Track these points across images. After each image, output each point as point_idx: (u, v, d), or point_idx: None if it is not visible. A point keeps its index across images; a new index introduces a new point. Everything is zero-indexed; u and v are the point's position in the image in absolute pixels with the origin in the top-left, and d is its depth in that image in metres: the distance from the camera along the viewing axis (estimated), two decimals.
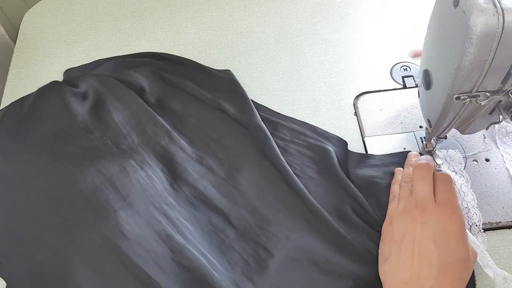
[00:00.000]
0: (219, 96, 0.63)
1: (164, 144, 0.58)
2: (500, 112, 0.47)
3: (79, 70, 0.70)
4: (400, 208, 0.50)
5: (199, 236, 0.51)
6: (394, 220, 0.49)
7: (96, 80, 0.63)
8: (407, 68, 0.68)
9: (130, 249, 0.47)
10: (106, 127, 0.59)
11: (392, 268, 0.46)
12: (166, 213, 0.51)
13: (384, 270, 0.47)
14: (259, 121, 0.60)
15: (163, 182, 0.55)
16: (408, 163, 0.56)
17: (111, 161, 0.54)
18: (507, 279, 0.47)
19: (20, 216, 0.52)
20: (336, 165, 0.56)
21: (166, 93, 0.64)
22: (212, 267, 0.48)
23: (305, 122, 0.63)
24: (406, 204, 0.49)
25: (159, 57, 0.70)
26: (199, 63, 0.69)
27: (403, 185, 0.52)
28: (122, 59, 0.70)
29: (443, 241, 0.45)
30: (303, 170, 0.57)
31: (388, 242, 0.48)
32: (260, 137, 0.58)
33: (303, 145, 0.60)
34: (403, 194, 0.51)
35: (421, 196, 0.48)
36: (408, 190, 0.50)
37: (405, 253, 0.45)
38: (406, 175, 0.53)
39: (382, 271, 0.47)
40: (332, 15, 0.76)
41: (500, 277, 0.47)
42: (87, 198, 0.51)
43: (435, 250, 0.44)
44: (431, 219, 0.46)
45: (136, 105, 0.61)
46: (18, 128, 0.60)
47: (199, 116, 0.62)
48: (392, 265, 0.46)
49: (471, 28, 0.37)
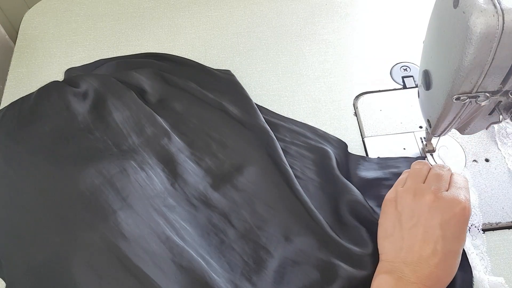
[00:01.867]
0: (222, 97, 0.63)
1: (164, 144, 0.58)
2: (500, 112, 0.46)
3: (80, 70, 0.70)
4: (408, 186, 0.49)
5: (199, 238, 0.51)
6: (401, 196, 0.48)
7: (97, 80, 0.63)
8: (407, 68, 0.68)
9: (129, 250, 0.47)
10: (106, 127, 0.59)
11: (395, 247, 0.46)
12: (165, 215, 0.51)
13: (385, 245, 0.47)
14: (262, 122, 0.60)
15: (164, 182, 0.55)
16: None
17: (111, 162, 0.54)
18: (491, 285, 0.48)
19: (20, 216, 0.52)
20: (335, 167, 0.56)
21: (167, 93, 0.64)
22: (211, 269, 0.48)
23: (305, 123, 0.63)
24: (417, 187, 0.48)
25: (160, 58, 0.70)
26: (200, 63, 0.69)
27: (414, 174, 0.50)
28: (123, 60, 0.70)
29: (450, 230, 0.45)
30: (303, 171, 0.58)
31: (392, 219, 0.48)
32: (264, 138, 0.59)
33: (303, 147, 0.60)
34: (414, 178, 0.49)
35: (436, 185, 0.47)
36: (420, 178, 0.49)
37: (409, 236, 0.45)
38: (419, 170, 0.51)
39: (382, 245, 0.48)
40: (332, 15, 0.76)
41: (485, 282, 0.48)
42: (87, 199, 0.50)
43: (441, 239, 0.44)
44: (442, 206, 0.46)
45: (136, 105, 0.61)
46: (18, 128, 0.60)
47: (200, 116, 0.62)
48: (395, 245, 0.46)
49: (471, 28, 0.37)
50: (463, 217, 0.45)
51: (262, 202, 0.54)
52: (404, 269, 0.44)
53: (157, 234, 0.49)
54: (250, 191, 0.55)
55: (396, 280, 0.44)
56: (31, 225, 0.51)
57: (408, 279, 0.43)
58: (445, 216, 0.45)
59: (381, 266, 0.46)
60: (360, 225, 0.52)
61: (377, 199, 0.54)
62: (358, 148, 0.61)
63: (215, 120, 0.61)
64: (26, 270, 0.49)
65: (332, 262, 0.49)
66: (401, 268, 0.44)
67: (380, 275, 0.46)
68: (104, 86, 0.62)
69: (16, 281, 0.49)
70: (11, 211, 0.53)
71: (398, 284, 0.43)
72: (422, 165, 0.50)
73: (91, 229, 0.48)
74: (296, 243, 0.51)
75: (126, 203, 0.50)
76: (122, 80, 0.63)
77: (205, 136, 0.60)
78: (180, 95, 0.64)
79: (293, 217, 0.53)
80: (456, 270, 0.46)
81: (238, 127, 0.60)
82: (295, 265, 0.50)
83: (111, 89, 0.62)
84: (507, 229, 0.54)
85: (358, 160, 0.59)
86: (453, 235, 0.45)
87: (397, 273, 0.44)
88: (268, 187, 0.55)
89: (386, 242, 0.47)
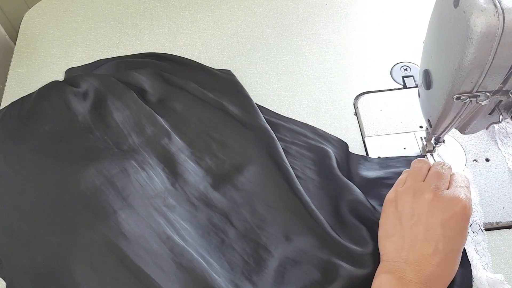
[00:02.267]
0: (222, 97, 0.63)
1: (164, 144, 0.58)
2: (500, 112, 0.47)
3: (80, 70, 0.70)
4: (407, 186, 0.48)
5: (199, 237, 0.51)
6: (401, 196, 0.48)
7: (97, 80, 0.63)
8: (407, 68, 0.68)
9: (130, 249, 0.47)
10: (106, 127, 0.59)
11: (396, 247, 0.46)
12: (165, 215, 0.51)
13: (386, 246, 0.47)
14: (263, 122, 0.60)
15: (164, 182, 0.55)
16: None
17: (112, 162, 0.54)
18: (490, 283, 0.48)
19: (20, 216, 0.52)
20: (335, 167, 0.56)
21: (168, 93, 0.64)
22: (211, 268, 0.48)
23: (306, 123, 0.63)
24: (417, 186, 0.48)
25: (160, 58, 0.70)
26: (201, 63, 0.69)
27: (414, 173, 0.50)
28: (124, 60, 0.70)
29: (451, 229, 0.45)
30: (303, 171, 0.58)
31: (392, 219, 0.48)
32: (264, 138, 0.59)
33: (303, 146, 0.60)
34: (413, 177, 0.49)
35: (436, 184, 0.47)
36: (419, 177, 0.49)
37: (410, 235, 0.45)
38: (419, 169, 0.51)
39: (384, 246, 0.47)
40: (332, 15, 0.76)
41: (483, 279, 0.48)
42: (88, 198, 0.50)
43: (442, 238, 0.44)
44: (442, 205, 0.45)
45: (136, 105, 0.61)
46: (19, 127, 0.60)
47: (201, 116, 0.62)
48: (397, 245, 0.46)
49: (471, 28, 0.37)
50: (464, 216, 0.45)
51: (262, 202, 0.54)
52: (406, 268, 0.44)
53: (157, 233, 0.49)
54: (250, 191, 0.55)
55: (397, 279, 0.44)
56: (32, 225, 0.51)
57: (409, 279, 0.43)
58: (445, 215, 0.45)
59: (382, 266, 0.46)
60: (360, 225, 0.52)
61: (378, 199, 0.54)
62: (359, 147, 0.61)
63: (215, 120, 0.61)
64: (26, 269, 0.49)
65: (333, 261, 0.49)
66: (402, 268, 0.44)
67: (381, 274, 0.46)
68: (105, 86, 0.62)
69: (16, 280, 0.49)
70: (11, 211, 0.53)
71: (399, 284, 0.43)
72: (422, 164, 0.50)
73: (92, 229, 0.48)
74: (296, 243, 0.51)
75: (126, 202, 0.50)
76: (122, 80, 0.63)
77: (205, 136, 0.60)
78: (180, 95, 0.64)
79: (294, 216, 0.53)
80: (456, 269, 0.46)
81: (238, 127, 0.60)
82: (296, 264, 0.50)
83: (111, 89, 0.62)
84: (508, 229, 0.54)
85: (359, 160, 0.59)
86: (454, 234, 0.45)
87: (398, 273, 0.44)
88: (268, 186, 0.55)
89: (387, 242, 0.47)
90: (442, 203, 0.45)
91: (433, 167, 0.49)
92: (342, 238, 0.51)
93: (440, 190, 0.46)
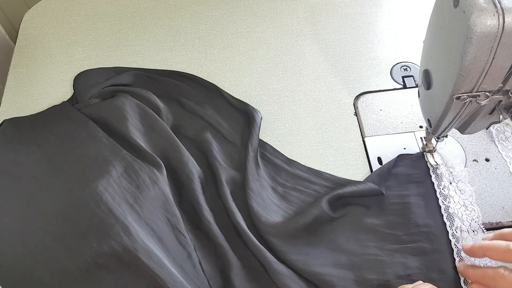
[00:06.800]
0: (236, 128, 0.63)
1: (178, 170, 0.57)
2: (500, 112, 0.47)
3: (97, 73, 0.68)
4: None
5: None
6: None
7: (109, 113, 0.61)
8: (407, 68, 0.68)
9: (141, 257, 0.47)
10: (116, 136, 0.59)
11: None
12: (172, 224, 0.53)
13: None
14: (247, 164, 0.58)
15: (171, 200, 0.55)
16: None
17: (120, 170, 0.54)
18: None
19: (26, 227, 0.52)
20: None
21: (182, 119, 0.64)
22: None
23: (310, 168, 0.60)
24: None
25: (181, 77, 0.68)
26: (219, 87, 0.67)
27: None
28: (143, 72, 0.68)
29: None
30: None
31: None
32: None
33: (306, 193, 0.58)
34: None
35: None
36: None
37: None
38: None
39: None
40: (332, 15, 0.76)
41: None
42: (95, 206, 0.50)
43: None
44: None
45: (156, 124, 0.61)
46: (24, 134, 0.60)
47: (211, 144, 0.61)
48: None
49: (471, 28, 0.37)
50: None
51: None
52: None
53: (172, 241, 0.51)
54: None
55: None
56: (37, 238, 0.51)
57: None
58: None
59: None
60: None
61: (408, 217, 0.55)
62: (359, 148, 0.61)
63: (225, 151, 0.61)
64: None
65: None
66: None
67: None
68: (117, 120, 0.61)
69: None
70: (16, 222, 0.52)
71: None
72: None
73: (99, 238, 0.48)
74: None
75: (134, 211, 0.51)
76: (141, 95, 0.63)
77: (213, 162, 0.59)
78: (194, 122, 0.63)
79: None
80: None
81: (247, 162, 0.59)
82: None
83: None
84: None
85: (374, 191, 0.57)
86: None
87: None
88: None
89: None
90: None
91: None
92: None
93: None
